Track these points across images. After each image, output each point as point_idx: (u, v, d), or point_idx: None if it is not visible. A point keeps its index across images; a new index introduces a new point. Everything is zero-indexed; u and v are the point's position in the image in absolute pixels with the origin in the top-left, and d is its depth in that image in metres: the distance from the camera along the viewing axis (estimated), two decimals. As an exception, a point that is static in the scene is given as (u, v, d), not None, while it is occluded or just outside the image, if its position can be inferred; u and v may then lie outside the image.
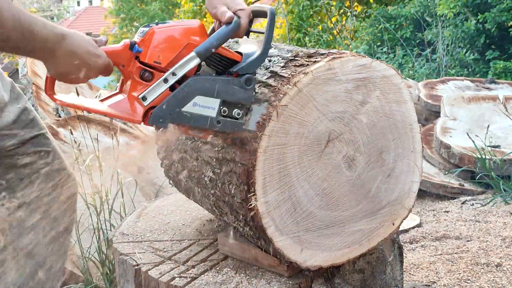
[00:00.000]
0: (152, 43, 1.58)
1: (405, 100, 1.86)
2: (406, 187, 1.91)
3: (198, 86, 1.61)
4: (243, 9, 1.67)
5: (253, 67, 1.66)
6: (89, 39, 1.54)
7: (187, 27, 1.61)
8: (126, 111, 1.59)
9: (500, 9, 6.77)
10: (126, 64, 1.60)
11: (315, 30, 10.02)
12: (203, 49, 1.59)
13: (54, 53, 1.48)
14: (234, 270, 1.95)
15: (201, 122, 1.64)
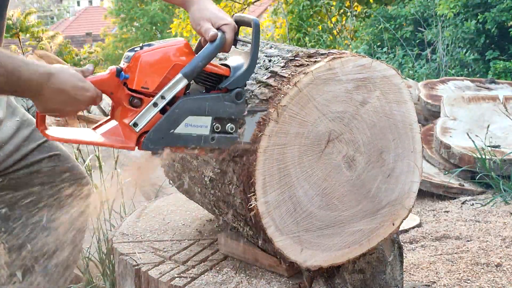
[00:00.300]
0: (138, 68, 1.56)
1: (405, 100, 1.86)
2: (406, 187, 1.91)
3: (188, 106, 1.60)
4: (227, 23, 1.65)
5: (242, 80, 1.65)
6: (74, 73, 1.54)
7: (172, 48, 1.60)
8: (119, 139, 1.59)
9: (500, 9, 6.77)
10: (114, 92, 1.59)
11: (315, 30, 10.02)
12: (190, 70, 1.57)
13: (41, 92, 1.49)
14: (234, 270, 1.95)
15: (194, 141, 1.63)
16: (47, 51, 8.03)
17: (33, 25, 12.68)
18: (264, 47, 2.03)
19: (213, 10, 1.67)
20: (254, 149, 1.68)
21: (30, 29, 12.33)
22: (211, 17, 1.65)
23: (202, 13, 1.66)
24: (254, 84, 1.79)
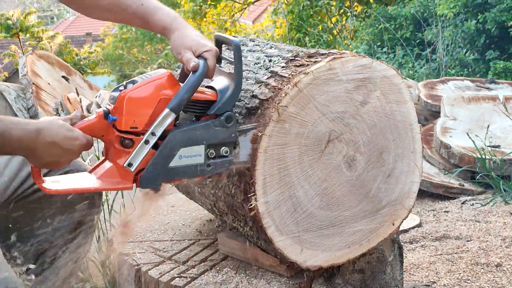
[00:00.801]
0: (124, 109, 1.56)
1: (405, 100, 1.86)
2: (406, 187, 1.91)
3: (179, 139, 1.59)
4: (208, 50, 1.63)
5: (230, 104, 1.64)
6: (63, 124, 1.54)
7: (156, 83, 1.58)
8: (116, 181, 1.59)
9: (500, 9, 6.76)
10: (104, 134, 1.59)
11: (315, 30, 10.02)
12: (176, 104, 1.56)
13: (32, 149, 1.50)
14: (234, 270, 1.95)
15: (191, 172, 1.63)
16: (47, 51, 8.04)
17: (33, 25, 12.68)
18: (264, 47, 2.03)
19: (193, 37, 1.65)
20: (254, 149, 1.69)
21: (30, 29, 12.33)
22: (192, 45, 1.63)
23: (183, 41, 1.64)
24: (254, 84, 1.79)
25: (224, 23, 12.49)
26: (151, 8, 1.68)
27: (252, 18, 20.75)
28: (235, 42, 1.64)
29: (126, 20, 1.75)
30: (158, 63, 15.35)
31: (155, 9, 1.68)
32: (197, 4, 12.10)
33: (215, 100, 1.64)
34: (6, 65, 12.35)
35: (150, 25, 1.69)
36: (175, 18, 1.68)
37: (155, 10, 1.68)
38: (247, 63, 1.94)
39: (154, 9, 1.68)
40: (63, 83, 5.48)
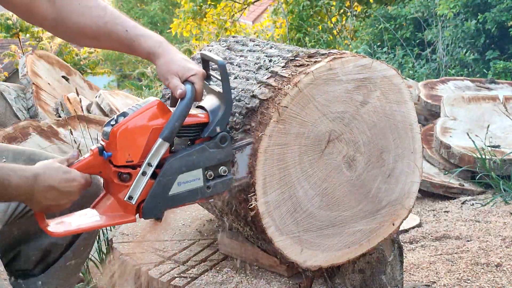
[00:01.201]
0: (117, 144, 1.56)
1: (405, 101, 1.86)
2: (406, 187, 1.91)
3: (176, 166, 1.59)
4: (195, 74, 1.63)
5: (222, 124, 1.63)
6: (59, 167, 1.55)
7: (146, 114, 1.58)
8: (119, 215, 1.60)
9: (500, 9, 6.77)
10: (102, 170, 1.59)
11: (315, 30, 10.02)
12: (168, 133, 1.56)
13: (31, 195, 1.51)
14: (234, 270, 1.95)
15: (191, 196, 1.63)
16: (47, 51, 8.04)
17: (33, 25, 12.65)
18: (264, 47, 2.03)
19: (179, 61, 1.64)
20: (255, 149, 1.69)
21: (30, 29, 12.32)
22: (178, 70, 1.62)
23: (169, 66, 1.64)
24: (254, 84, 1.79)
25: (224, 23, 12.48)
26: (135, 35, 1.67)
27: (252, 18, 20.75)
28: (219, 62, 1.62)
29: (112, 46, 1.74)
30: (158, 63, 15.32)
31: (139, 36, 1.67)
32: (197, 4, 12.08)
33: (207, 121, 1.64)
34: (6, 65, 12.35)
35: (135, 51, 1.69)
36: (160, 44, 1.67)
37: (139, 37, 1.67)
38: (247, 63, 1.95)
39: (138, 36, 1.67)
40: (63, 83, 5.49)
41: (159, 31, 24.92)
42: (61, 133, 3.53)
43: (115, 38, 1.68)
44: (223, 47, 2.17)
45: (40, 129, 3.59)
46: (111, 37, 1.68)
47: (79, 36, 1.74)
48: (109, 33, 1.68)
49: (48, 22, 1.72)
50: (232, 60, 2.02)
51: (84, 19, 1.68)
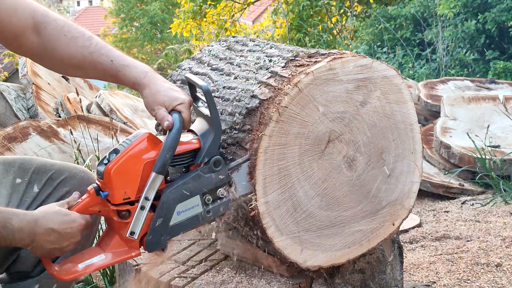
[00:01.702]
0: (113, 183, 1.56)
1: (405, 101, 1.86)
2: (406, 187, 1.91)
3: (173, 197, 1.60)
4: (181, 103, 1.63)
5: (214, 148, 1.63)
6: (58, 210, 1.57)
7: (138, 149, 1.58)
8: (124, 251, 1.61)
9: (500, 9, 6.77)
10: (101, 209, 1.60)
11: (315, 30, 10.02)
12: (160, 166, 1.56)
13: (32, 238, 1.53)
14: (234, 270, 1.95)
15: (193, 223, 1.64)
16: (47, 51, 8.01)
17: (33, 25, 12.62)
18: (264, 47, 2.03)
19: (165, 91, 1.64)
20: (255, 149, 1.69)
21: (30, 29, 12.29)
22: (164, 101, 1.62)
23: (155, 97, 1.64)
24: (254, 84, 1.80)
25: (224, 23, 12.48)
26: (120, 65, 1.68)
27: (252, 18, 20.75)
28: (203, 87, 1.61)
29: (98, 76, 1.75)
30: (158, 63, 15.36)
31: (124, 66, 1.68)
32: (197, 4, 12.08)
33: (199, 147, 1.64)
34: (6, 65, 12.34)
35: (121, 81, 1.70)
36: (145, 74, 1.67)
37: (124, 67, 1.68)
38: (247, 63, 1.95)
39: (124, 66, 1.68)
40: (63, 83, 5.49)
41: (159, 31, 24.97)
42: (61, 133, 3.53)
43: (101, 68, 1.69)
44: (223, 47, 2.17)
45: (40, 129, 3.59)
46: (96, 68, 1.69)
47: (65, 66, 1.75)
48: (95, 64, 1.69)
49: (34, 52, 1.73)
50: (232, 60, 2.02)
51: (70, 49, 1.69)
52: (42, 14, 1.71)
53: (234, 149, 1.76)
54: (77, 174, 1.82)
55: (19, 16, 1.67)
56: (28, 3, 1.71)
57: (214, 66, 2.04)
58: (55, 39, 1.70)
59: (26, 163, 1.82)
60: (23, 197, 1.76)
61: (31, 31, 1.70)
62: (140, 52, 25.05)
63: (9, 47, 1.74)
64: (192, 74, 1.74)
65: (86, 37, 1.70)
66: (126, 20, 25.60)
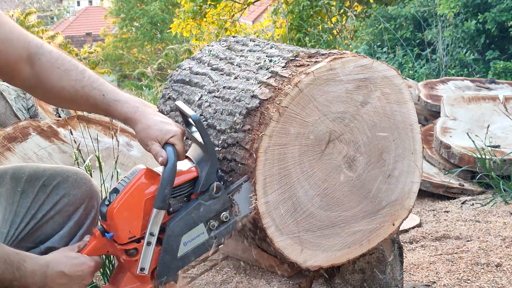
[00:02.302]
0: (116, 224, 1.58)
1: (405, 101, 1.86)
2: (406, 187, 1.91)
3: (177, 230, 1.62)
4: (173, 135, 1.64)
5: (212, 175, 1.64)
6: (69, 254, 1.62)
7: (137, 187, 1.59)
8: (136, 286, 1.64)
9: (500, 9, 6.77)
10: (109, 250, 1.63)
11: (315, 30, 10.02)
12: (161, 201, 1.57)
13: (45, 281, 1.57)
14: (234, 270, 1.95)
15: (201, 250, 1.66)
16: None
17: (33, 25, 12.69)
18: (265, 47, 2.03)
19: (156, 126, 1.64)
20: (255, 149, 1.69)
21: (30, 29, 12.33)
22: (156, 135, 1.63)
23: (147, 132, 1.64)
24: (254, 84, 1.80)
25: (224, 23, 12.49)
26: (112, 99, 1.69)
27: (252, 18, 20.75)
28: (193, 117, 1.62)
29: (90, 109, 1.77)
30: (158, 63, 15.36)
31: (116, 102, 1.69)
32: (197, 4, 12.09)
33: (197, 175, 1.65)
34: (6, 65, 12.34)
35: (112, 115, 1.71)
36: (136, 109, 1.68)
37: (116, 102, 1.69)
38: (248, 63, 1.95)
39: (115, 102, 1.69)
40: (63, 83, 5.48)
41: (159, 31, 24.98)
42: (61, 133, 3.53)
43: (92, 102, 1.70)
44: (223, 47, 2.17)
45: (40, 129, 3.58)
46: (88, 101, 1.71)
47: (57, 98, 1.76)
48: (87, 97, 1.70)
49: (28, 84, 1.74)
50: (233, 60, 2.02)
51: (62, 83, 1.71)
52: (36, 46, 1.73)
53: (234, 149, 1.76)
54: (69, 177, 1.82)
55: (14, 47, 1.69)
56: (23, 34, 1.73)
57: (214, 66, 2.04)
58: (49, 71, 1.71)
59: (18, 173, 1.82)
60: (18, 207, 1.76)
61: (25, 62, 1.71)
62: (140, 52, 25.05)
63: (3, 77, 1.76)
64: (181, 102, 1.76)
65: (79, 71, 1.72)
66: (126, 20, 25.62)
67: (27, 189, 1.78)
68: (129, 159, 3.29)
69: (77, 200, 1.80)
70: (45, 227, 1.78)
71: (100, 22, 29.35)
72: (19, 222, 1.76)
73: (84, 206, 1.81)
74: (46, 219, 1.78)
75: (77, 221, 1.80)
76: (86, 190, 1.81)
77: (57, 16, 42.21)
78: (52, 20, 39.75)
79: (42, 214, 1.77)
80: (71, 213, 1.80)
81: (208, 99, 1.92)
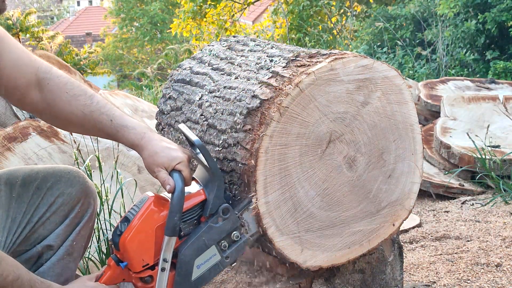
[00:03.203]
0: (130, 254, 1.61)
1: (406, 101, 1.86)
2: (407, 188, 1.91)
3: (189, 253, 1.64)
4: (180, 161, 1.65)
5: (220, 198, 1.66)
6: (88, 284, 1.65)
7: (147, 215, 1.62)
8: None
9: (500, 9, 6.77)
10: (125, 278, 1.66)
11: (315, 30, 10.03)
12: (171, 229, 1.59)
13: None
14: (234, 270, 1.95)
15: (214, 271, 1.68)
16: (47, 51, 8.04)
17: (33, 25, 12.69)
18: (265, 47, 2.03)
19: (163, 152, 1.67)
20: (256, 149, 1.69)
21: (30, 29, 12.33)
22: (163, 162, 1.65)
23: (154, 159, 1.66)
24: (255, 84, 1.79)
25: (224, 23, 12.49)
26: (119, 125, 1.71)
27: (252, 18, 20.75)
28: (196, 142, 1.64)
29: (97, 134, 1.79)
30: (158, 63, 15.36)
31: (123, 127, 1.71)
32: (197, 4, 12.09)
33: (205, 198, 1.67)
34: (6, 65, 12.31)
35: (119, 141, 1.73)
36: (143, 136, 1.70)
37: (123, 128, 1.71)
38: (248, 62, 1.94)
39: (123, 127, 1.71)
40: (63, 83, 5.47)
41: (159, 31, 24.97)
42: (61, 133, 3.52)
43: (100, 127, 1.72)
44: (224, 46, 2.17)
45: (40, 129, 3.58)
46: (96, 126, 1.73)
47: (65, 123, 1.78)
48: (94, 122, 1.72)
49: (36, 108, 1.77)
50: (233, 60, 2.02)
51: (71, 108, 1.73)
52: (45, 71, 1.75)
53: (234, 149, 1.76)
54: (62, 176, 1.83)
55: (24, 72, 1.72)
56: (32, 59, 1.76)
57: (215, 66, 2.04)
58: (57, 96, 1.74)
59: (11, 178, 1.82)
60: (14, 214, 1.76)
61: (33, 87, 1.74)
62: (140, 52, 25.05)
63: (13, 101, 1.79)
64: (184, 126, 1.77)
65: (87, 96, 1.74)
66: (126, 20, 25.61)
67: (21, 193, 1.78)
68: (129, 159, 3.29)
69: (72, 198, 1.81)
70: (42, 229, 1.79)
71: (100, 22, 29.34)
72: (16, 228, 1.77)
73: (80, 204, 1.82)
74: (42, 221, 1.78)
75: (73, 219, 1.81)
76: (81, 187, 1.82)
77: (57, 16, 42.21)
78: (52, 20, 39.75)
79: (38, 216, 1.78)
80: (67, 212, 1.81)
81: (208, 99, 1.92)
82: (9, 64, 1.70)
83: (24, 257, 1.84)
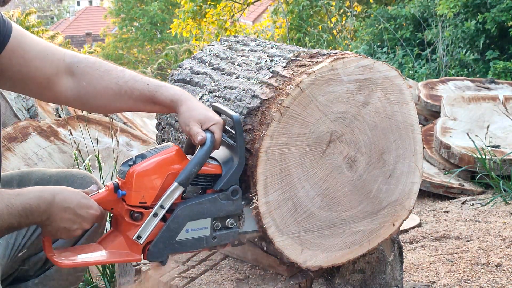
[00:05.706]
0: (133, 185, 1.59)
1: (406, 101, 1.86)
2: (407, 188, 1.91)
3: (186, 213, 1.63)
4: (215, 123, 1.67)
5: (235, 178, 1.67)
6: (79, 192, 1.60)
7: (165, 158, 1.62)
8: (124, 253, 1.63)
9: (500, 9, 6.77)
10: (114, 207, 1.63)
11: (315, 30, 10.03)
12: (184, 178, 1.59)
13: (49, 213, 1.55)
14: (234, 270, 1.95)
15: (197, 244, 1.67)
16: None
17: (33, 25, 12.70)
18: (266, 47, 2.03)
19: (201, 110, 1.69)
20: (256, 149, 1.69)
21: (30, 29, 12.33)
22: (200, 118, 1.67)
23: (191, 114, 1.68)
24: (255, 84, 1.80)
25: (224, 23, 12.49)
26: (157, 85, 1.74)
27: (252, 18, 20.76)
28: (235, 117, 1.66)
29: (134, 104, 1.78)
30: (158, 63, 15.36)
31: (161, 87, 1.74)
32: (197, 4, 12.09)
33: (220, 173, 1.67)
34: (6, 65, 12.34)
35: (158, 101, 1.73)
36: (182, 92, 1.73)
37: (161, 87, 1.74)
38: (248, 62, 1.95)
39: (160, 87, 1.74)
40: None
41: (159, 31, 24.96)
42: (61, 133, 3.53)
43: (137, 94, 1.74)
44: (224, 46, 2.17)
45: (40, 129, 3.59)
46: (133, 94, 1.74)
47: (101, 101, 1.78)
48: (131, 90, 1.74)
49: (70, 94, 1.77)
50: (233, 60, 2.02)
51: (105, 82, 1.75)
52: (72, 56, 1.78)
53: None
54: (75, 181, 1.85)
55: (50, 60, 1.74)
56: (57, 48, 1.78)
57: (215, 65, 2.04)
58: (90, 75, 1.76)
59: (24, 179, 1.84)
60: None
61: (64, 74, 1.76)
62: (140, 52, 25.05)
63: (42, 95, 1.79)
64: (220, 104, 1.78)
65: (118, 70, 1.77)
66: (126, 20, 25.61)
67: None
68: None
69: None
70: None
71: (100, 22, 29.35)
72: (25, 231, 1.78)
73: None
74: None
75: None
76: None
77: (57, 16, 42.21)
78: (52, 20, 39.75)
79: None
80: None
81: (209, 99, 1.92)
82: (37, 55, 1.72)
83: (32, 260, 1.85)
